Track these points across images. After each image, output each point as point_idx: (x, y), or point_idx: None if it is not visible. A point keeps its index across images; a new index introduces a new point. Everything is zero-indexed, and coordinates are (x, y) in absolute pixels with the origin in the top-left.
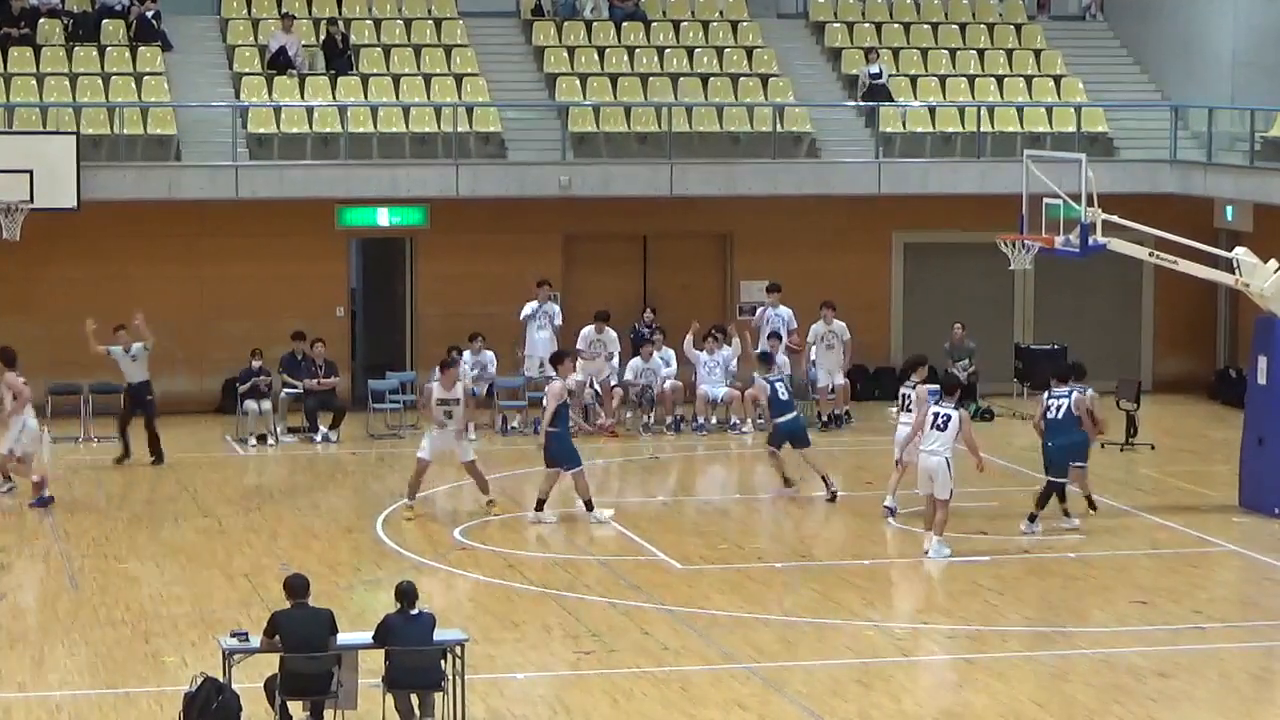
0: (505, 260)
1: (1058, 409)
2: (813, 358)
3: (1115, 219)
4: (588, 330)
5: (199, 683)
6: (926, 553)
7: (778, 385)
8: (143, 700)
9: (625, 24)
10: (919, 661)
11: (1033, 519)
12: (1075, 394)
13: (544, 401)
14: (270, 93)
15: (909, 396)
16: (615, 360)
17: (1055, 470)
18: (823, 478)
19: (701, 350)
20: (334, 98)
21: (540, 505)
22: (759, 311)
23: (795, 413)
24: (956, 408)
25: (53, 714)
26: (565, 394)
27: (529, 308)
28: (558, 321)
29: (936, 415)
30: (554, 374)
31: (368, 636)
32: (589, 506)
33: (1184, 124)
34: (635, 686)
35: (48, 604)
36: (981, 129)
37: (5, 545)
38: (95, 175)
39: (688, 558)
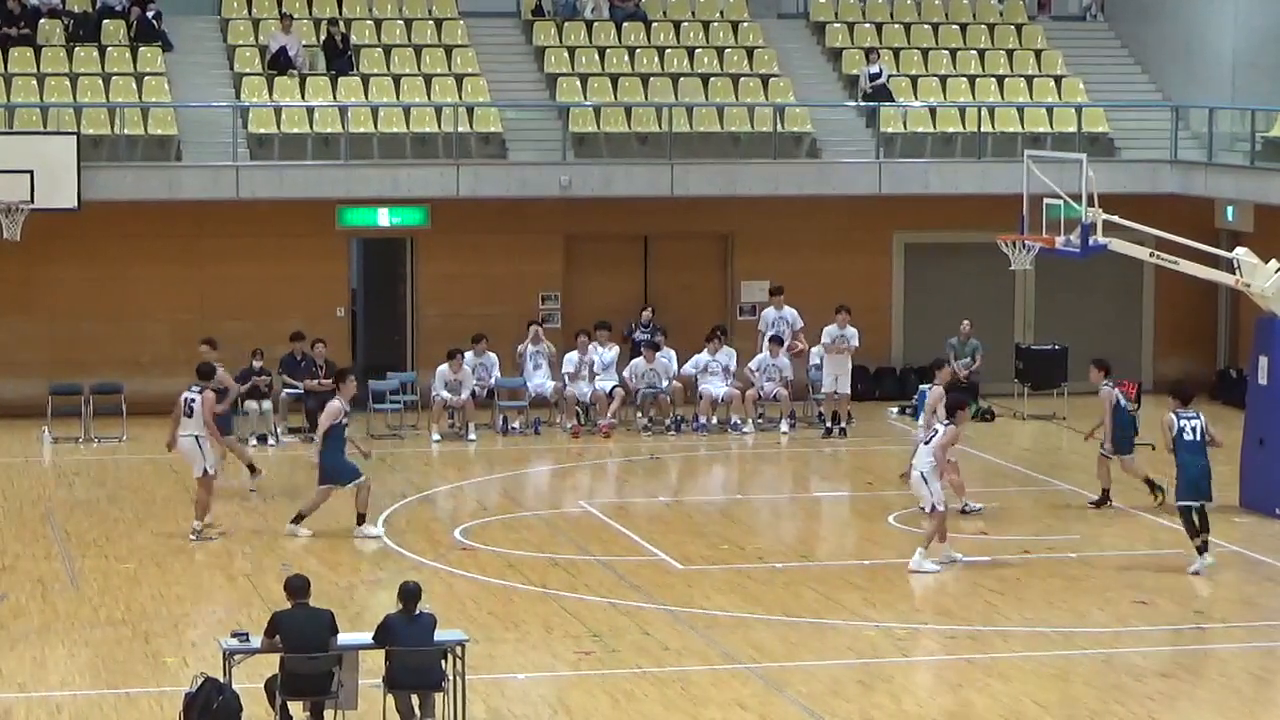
0: (506, 261)
1: (1193, 431)
2: (816, 360)
3: (1116, 219)
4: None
5: (199, 683)
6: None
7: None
8: (143, 700)
9: (626, 24)
10: (919, 662)
11: (1203, 550)
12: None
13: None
14: (271, 93)
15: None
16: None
17: (1198, 493)
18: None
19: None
20: (334, 98)
21: (299, 519)
22: (762, 313)
23: None
24: (944, 423)
25: (53, 714)
26: (340, 414)
27: (522, 348)
28: (550, 360)
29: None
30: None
31: (368, 637)
32: (360, 520)
33: (1185, 124)
34: (636, 687)
35: (49, 604)
36: (982, 129)
37: (6, 546)
38: (96, 175)
39: (689, 558)
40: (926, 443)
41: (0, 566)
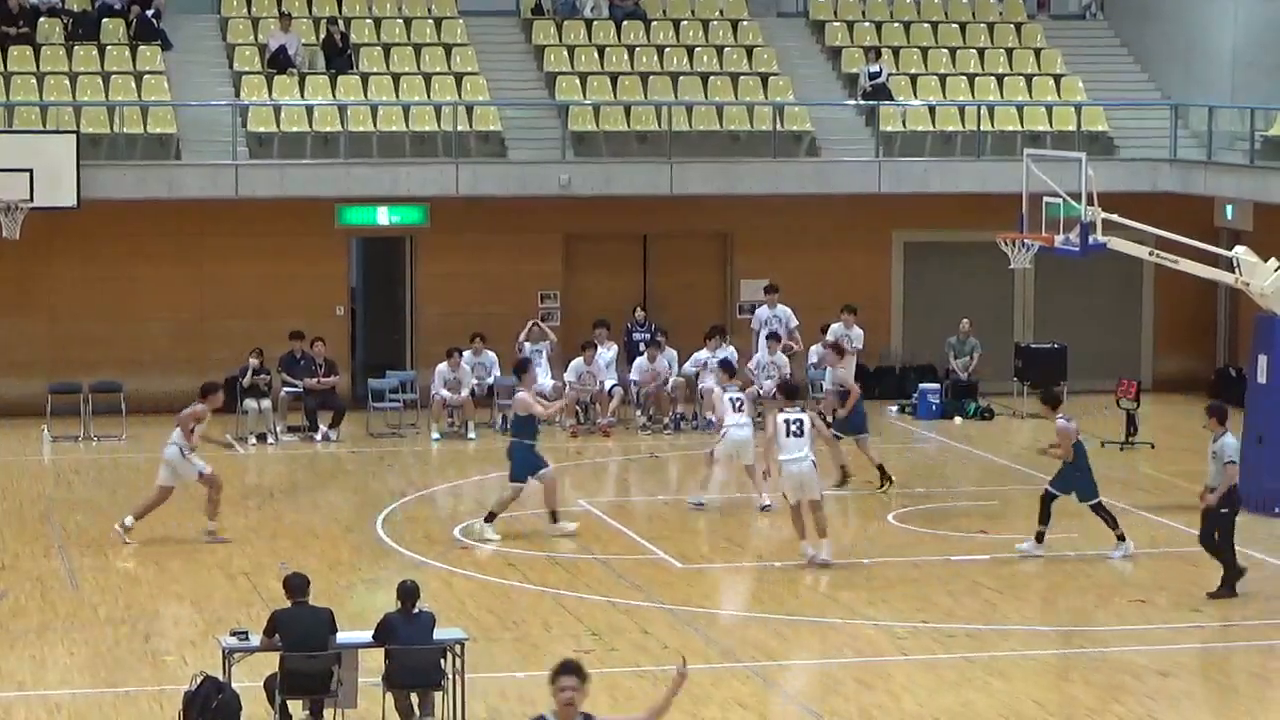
0: (505, 259)
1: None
2: (815, 359)
3: (1115, 218)
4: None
5: (199, 682)
6: (814, 559)
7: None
8: (143, 699)
9: (625, 23)
10: (919, 660)
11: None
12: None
13: None
14: (270, 92)
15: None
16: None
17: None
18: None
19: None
20: (334, 97)
21: (490, 518)
22: (755, 312)
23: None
24: (804, 409)
25: (53, 713)
26: (529, 406)
27: (526, 347)
28: (551, 353)
29: (789, 422)
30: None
31: (367, 635)
32: (553, 518)
33: (1184, 123)
34: (635, 685)
35: (48, 603)
36: (982, 128)
37: (6, 545)
38: (95, 174)
39: (688, 557)
40: (800, 435)
41: (0, 565)
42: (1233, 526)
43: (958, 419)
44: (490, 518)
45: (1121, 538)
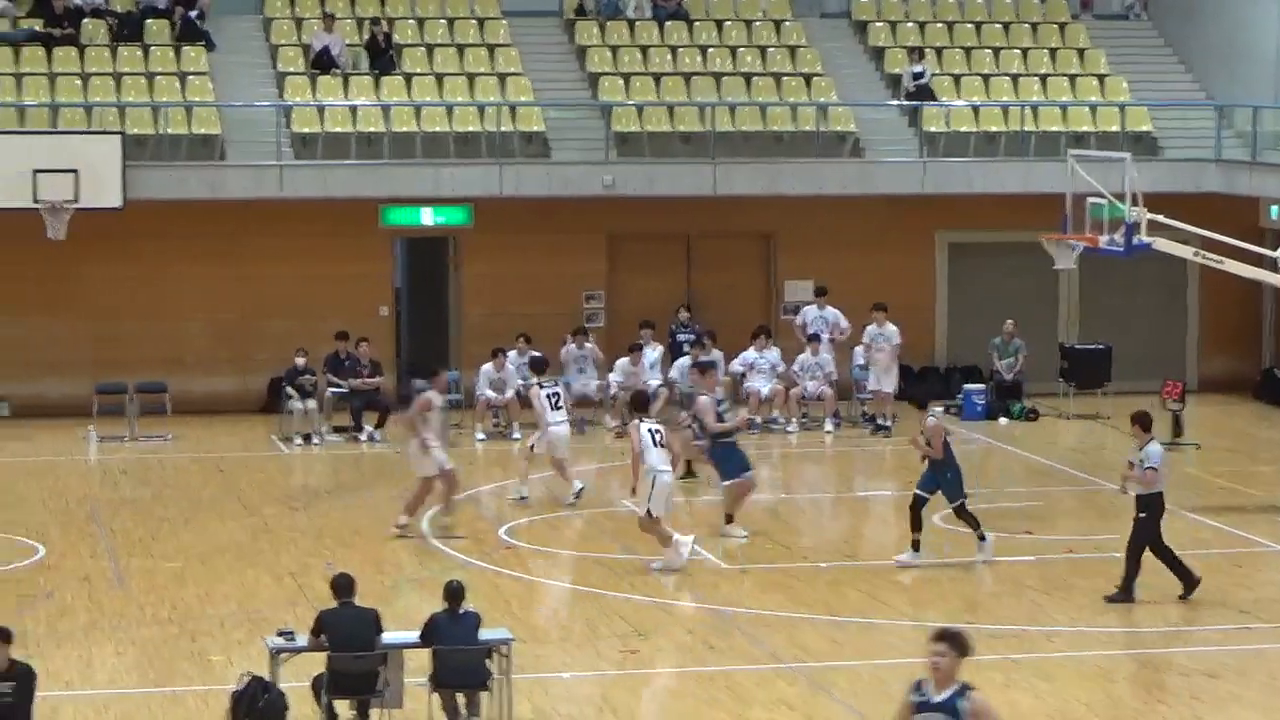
0: (549, 260)
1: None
2: (861, 360)
3: (1160, 218)
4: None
5: (245, 681)
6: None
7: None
8: (189, 699)
9: (668, 23)
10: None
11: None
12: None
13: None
14: (314, 92)
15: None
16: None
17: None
18: (727, 515)
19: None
20: (377, 97)
21: (730, 520)
22: (803, 310)
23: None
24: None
25: (100, 712)
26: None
27: (565, 352)
28: (597, 363)
29: (653, 433)
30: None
31: (413, 636)
32: (728, 520)
33: (1228, 123)
34: (681, 686)
35: (95, 603)
36: (1025, 128)
37: (53, 544)
38: (140, 175)
39: (733, 557)
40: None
41: (46, 565)
42: (1146, 532)
43: (1002, 420)
44: (729, 519)
45: (982, 537)
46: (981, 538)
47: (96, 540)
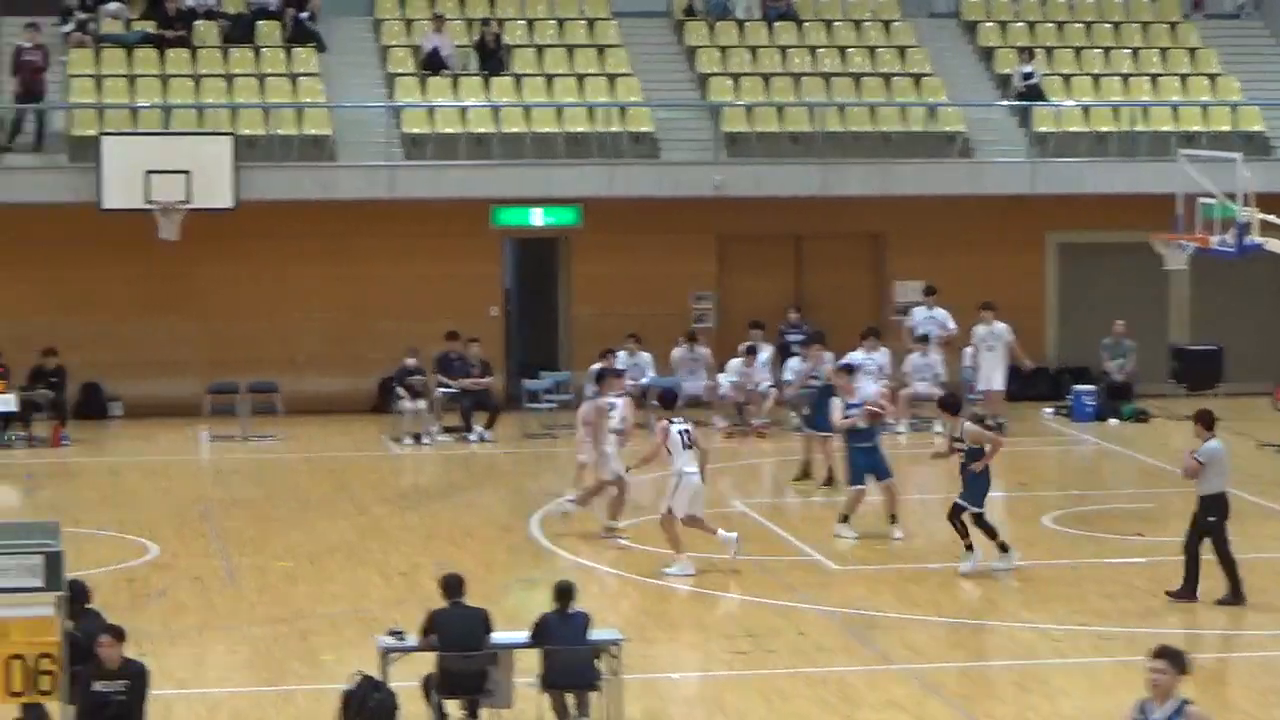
0: (658, 260)
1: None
2: (969, 362)
3: (1271, 218)
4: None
5: (356, 681)
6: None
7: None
8: (300, 697)
9: (778, 24)
10: (1076, 663)
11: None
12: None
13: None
14: (424, 93)
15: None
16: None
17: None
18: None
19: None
20: (487, 98)
21: (844, 520)
22: (912, 311)
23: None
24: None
25: (212, 710)
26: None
27: (676, 355)
28: (708, 366)
29: (685, 433)
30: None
31: (523, 636)
32: (843, 519)
33: None
34: (791, 687)
35: (207, 602)
36: (1136, 128)
37: (166, 543)
38: (251, 175)
39: (843, 558)
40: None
41: (160, 564)
42: (1201, 535)
43: (1113, 421)
44: (844, 519)
45: (970, 547)
46: (969, 548)
47: (209, 539)
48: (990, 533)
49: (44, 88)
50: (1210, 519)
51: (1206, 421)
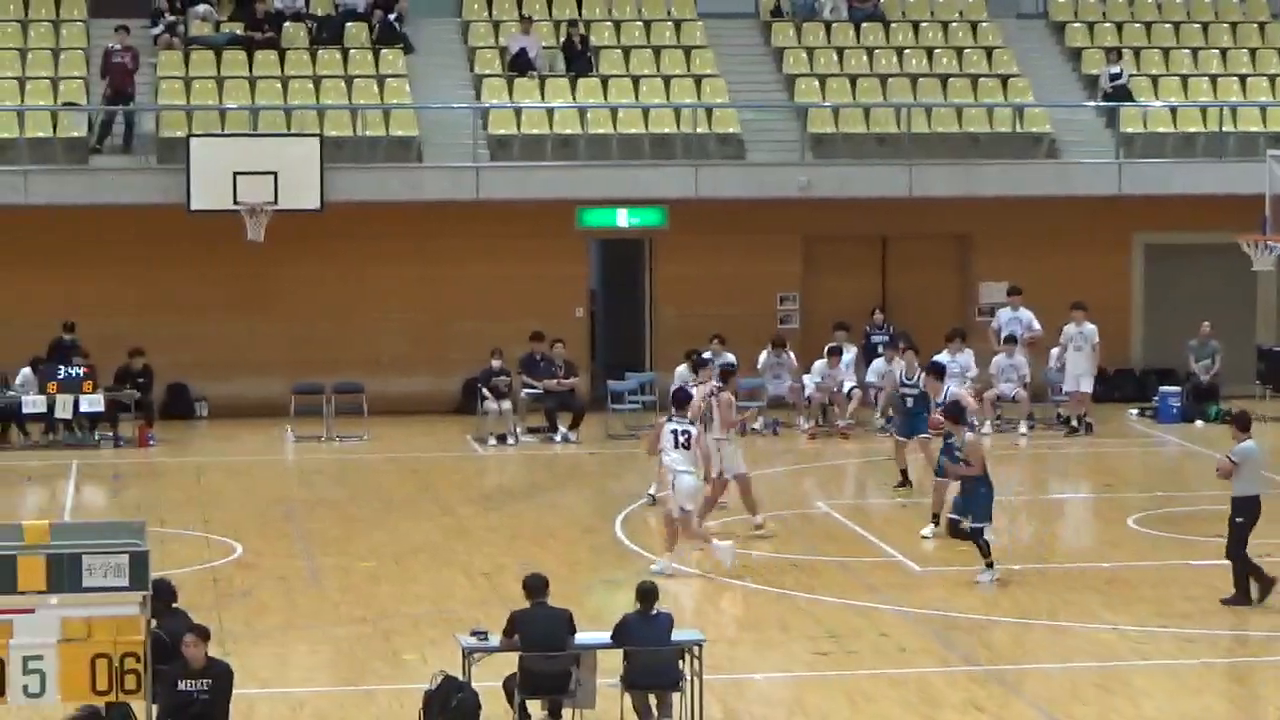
0: (743, 261)
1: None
2: (1055, 363)
3: None
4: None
5: (439, 681)
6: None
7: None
8: (382, 697)
9: (864, 25)
10: (1159, 665)
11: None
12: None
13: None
14: (510, 94)
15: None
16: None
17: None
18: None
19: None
20: (574, 99)
21: (936, 520)
22: (997, 313)
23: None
24: (692, 421)
25: (295, 710)
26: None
27: (762, 360)
28: (792, 371)
29: (676, 433)
30: None
31: (606, 636)
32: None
33: None
34: (873, 688)
35: (291, 601)
36: (1224, 129)
37: (250, 543)
38: (338, 176)
39: (926, 559)
40: (688, 447)
41: (244, 563)
42: (1240, 535)
43: (1199, 423)
44: (935, 519)
45: (991, 565)
46: (990, 566)
47: (292, 539)
48: (984, 550)
49: (133, 89)
50: (1238, 519)
51: (1243, 423)
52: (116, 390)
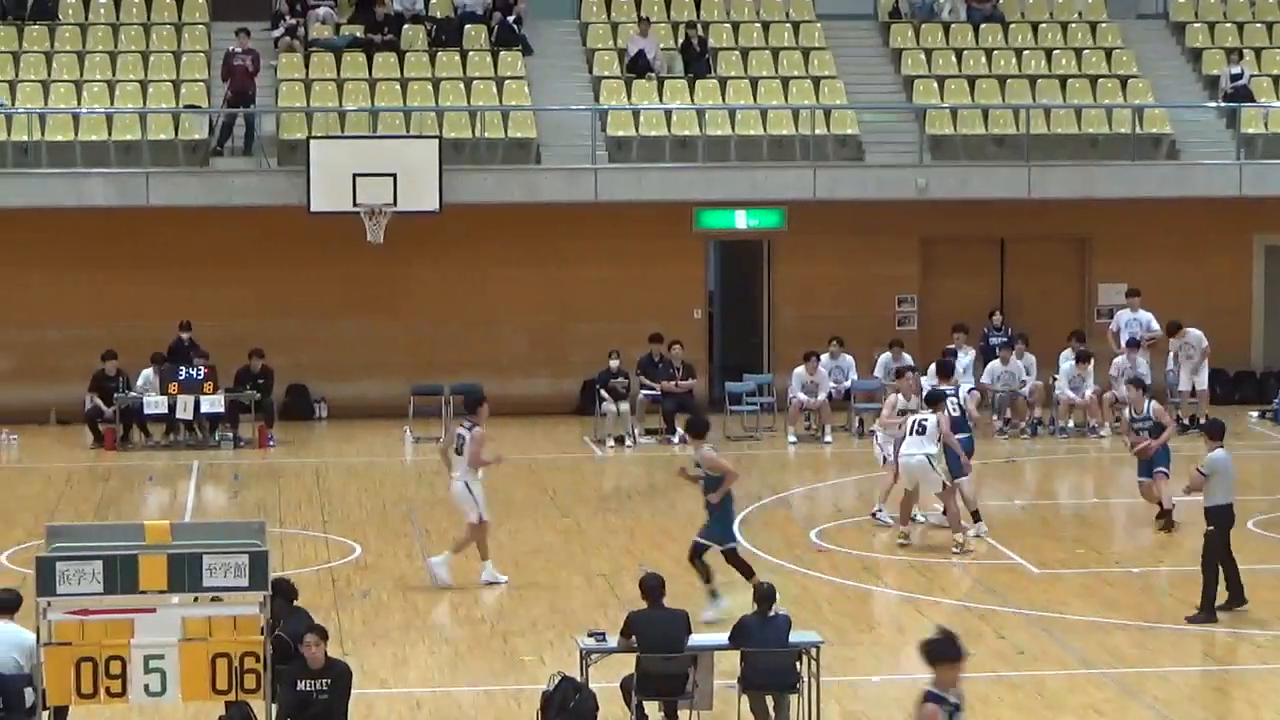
0: (862, 263)
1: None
2: (1172, 365)
3: None
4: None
5: (556, 682)
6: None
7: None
8: (500, 698)
9: (983, 26)
10: (1278, 670)
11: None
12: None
13: None
14: (629, 96)
15: None
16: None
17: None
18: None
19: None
20: (692, 101)
21: (976, 517)
22: (1117, 315)
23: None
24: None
25: (414, 710)
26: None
27: (881, 362)
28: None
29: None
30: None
31: (723, 638)
32: (975, 517)
33: None
34: (991, 691)
35: (409, 602)
36: None
37: (370, 544)
38: (456, 178)
39: (1044, 562)
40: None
41: (363, 564)
42: (1215, 545)
43: None
44: (975, 516)
45: (714, 592)
46: (714, 592)
47: (411, 540)
48: (745, 570)
49: (254, 92)
50: (1210, 529)
51: (1213, 432)
52: (237, 391)
